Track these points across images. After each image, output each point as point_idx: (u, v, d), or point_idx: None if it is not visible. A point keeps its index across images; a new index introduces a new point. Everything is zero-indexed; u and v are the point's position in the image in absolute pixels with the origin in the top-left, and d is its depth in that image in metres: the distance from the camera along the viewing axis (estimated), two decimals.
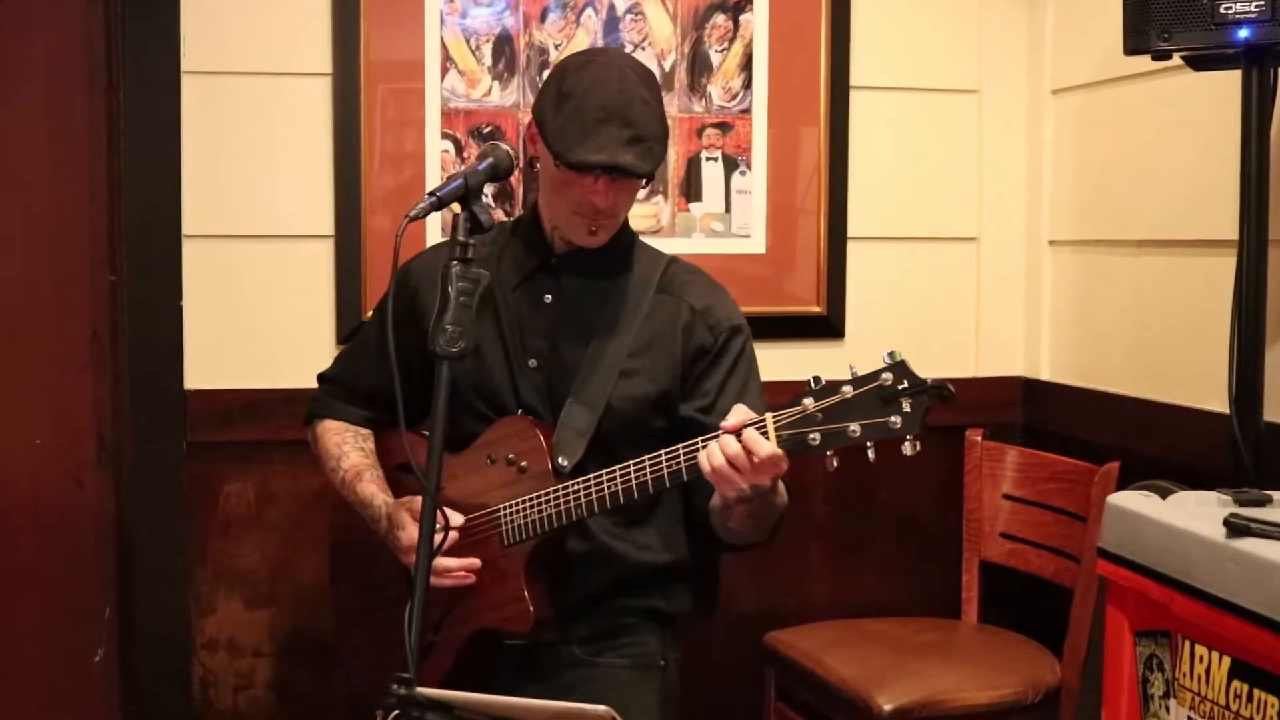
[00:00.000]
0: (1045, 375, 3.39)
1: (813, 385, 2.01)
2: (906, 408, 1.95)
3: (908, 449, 1.95)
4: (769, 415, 2.04)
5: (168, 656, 3.07)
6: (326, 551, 2.66)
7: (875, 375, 1.97)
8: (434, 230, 3.08)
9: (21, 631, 3.09)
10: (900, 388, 1.95)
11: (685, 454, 2.14)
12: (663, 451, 2.17)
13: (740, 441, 2.04)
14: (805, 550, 3.38)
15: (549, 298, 2.42)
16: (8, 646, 3.08)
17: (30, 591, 3.10)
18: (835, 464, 2.02)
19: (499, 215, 3.09)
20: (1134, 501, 2.18)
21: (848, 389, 1.99)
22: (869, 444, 1.98)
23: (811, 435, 2.00)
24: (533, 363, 2.40)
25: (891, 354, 1.98)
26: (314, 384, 2.68)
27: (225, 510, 3.10)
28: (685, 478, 2.16)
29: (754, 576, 3.29)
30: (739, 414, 2.09)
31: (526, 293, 2.43)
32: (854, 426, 1.97)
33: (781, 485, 2.25)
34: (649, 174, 2.28)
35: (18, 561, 3.09)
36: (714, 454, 2.07)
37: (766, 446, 2.03)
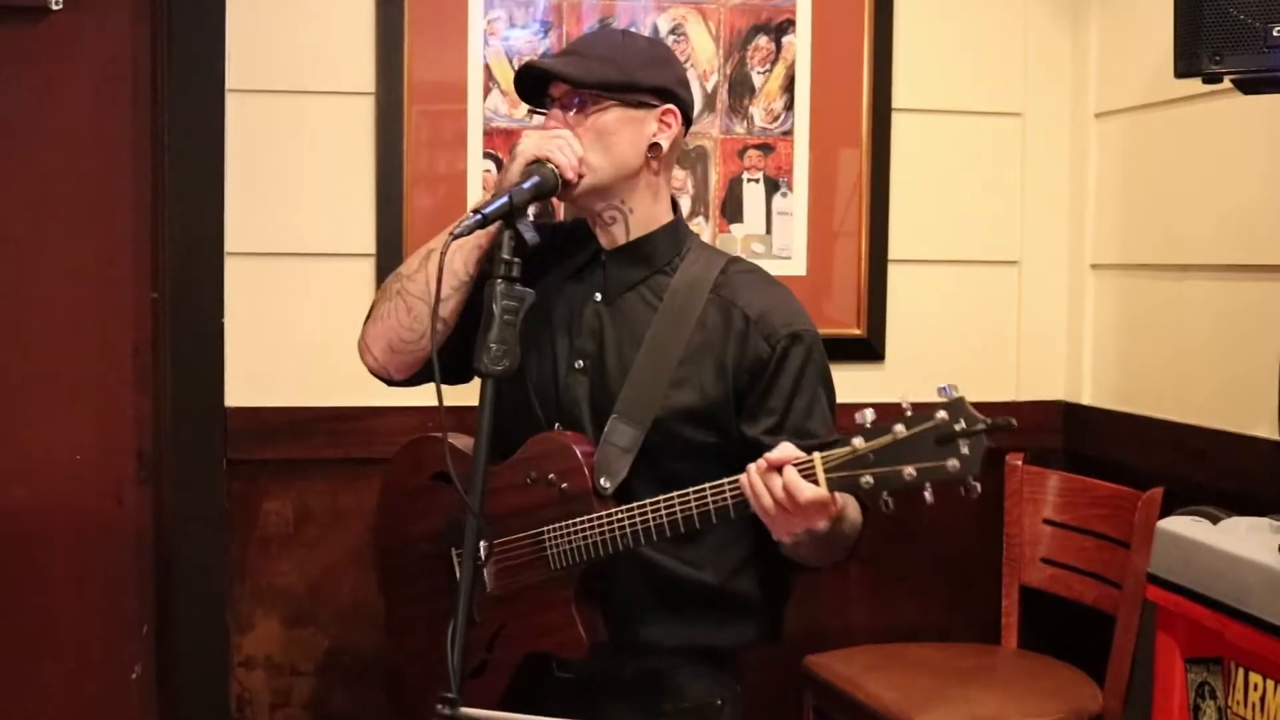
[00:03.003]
0: (1087, 400, 3.37)
1: (861, 422, 1.87)
2: (965, 449, 1.80)
3: (966, 492, 1.82)
4: (817, 455, 1.91)
5: (205, 674, 3.07)
6: (374, 561, 2.61)
7: (930, 415, 1.83)
8: None
9: (60, 647, 3.10)
10: (957, 427, 1.80)
11: (731, 491, 2.03)
12: (708, 486, 2.05)
13: (782, 483, 1.92)
14: (845, 574, 3.35)
15: (598, 295, 2.32)
16: (46, 661, 3.08)
17: (69, 607, 3.10)
18: (891, 506, 1.89)
19: None
20: (1186, 527, 2.16)
21: (900, 428, 1.84)
22: (927, 486, 1.84)
23: (864, 478, 1.87)
24: (579, 364, 2.30)
25: (948, 389, 1.82)
26: (355, 403, 2.67)
27: (264, 528, 3.10)
28: (733, 515, 2.04)
29: (793, 600, 3.26)
30: (783, 452, 1.96)
31: (577, 288, 2.34)
32: (909, 469, 1.84)
33: (854, 509, 2.13)
34: (572, 80, 2.22)
35: (57, 576, 3.09)
36: (762, 496, 1.95)
37: (808, 491, 1.90)
